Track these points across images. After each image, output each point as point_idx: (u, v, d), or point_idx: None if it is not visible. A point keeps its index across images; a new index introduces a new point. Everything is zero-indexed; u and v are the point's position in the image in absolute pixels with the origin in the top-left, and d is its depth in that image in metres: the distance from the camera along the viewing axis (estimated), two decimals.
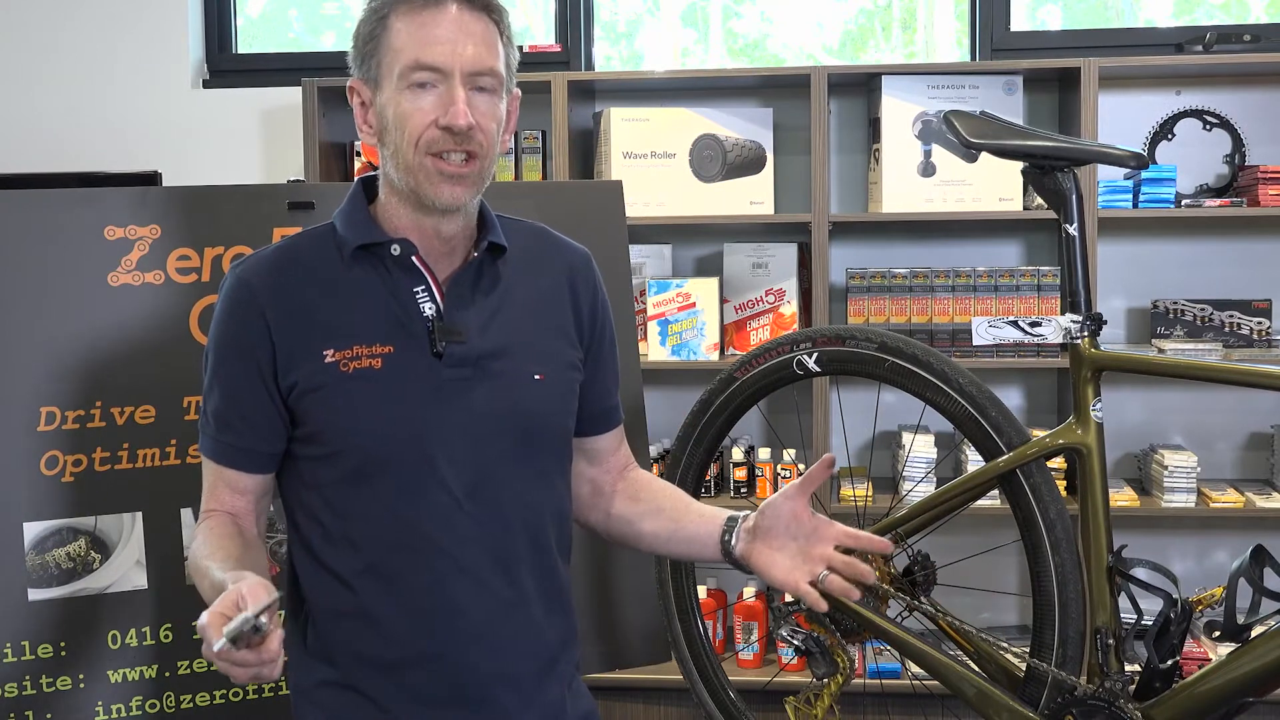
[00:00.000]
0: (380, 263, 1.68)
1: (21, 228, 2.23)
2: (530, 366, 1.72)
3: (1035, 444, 2.13)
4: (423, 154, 1.63)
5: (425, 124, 1.62)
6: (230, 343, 1.67)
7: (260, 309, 1.65)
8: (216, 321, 1.70)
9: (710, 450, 2.46)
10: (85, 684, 2.20)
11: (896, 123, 3.56)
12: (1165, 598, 2.05)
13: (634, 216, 3.27)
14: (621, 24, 4.17)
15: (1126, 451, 3.78)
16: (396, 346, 1.66)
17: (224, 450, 1.70)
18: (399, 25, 1.63)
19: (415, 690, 1.67)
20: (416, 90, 1.62)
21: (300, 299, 1.66)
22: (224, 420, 1.69)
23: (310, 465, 1.68)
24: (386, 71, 1.64)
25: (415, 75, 1.62)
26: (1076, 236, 2.13)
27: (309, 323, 1.66)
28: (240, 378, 1.67)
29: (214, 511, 1.71)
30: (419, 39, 1.62)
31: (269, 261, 1.70)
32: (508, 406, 1.69)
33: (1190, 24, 3.89)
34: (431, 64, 1.61)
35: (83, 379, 2.22)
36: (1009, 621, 3.83)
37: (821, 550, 1.71)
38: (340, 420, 1.64)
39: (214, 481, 1.72)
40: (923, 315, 3.56)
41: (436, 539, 1.65)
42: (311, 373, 1.64)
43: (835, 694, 2.29)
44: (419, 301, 1.67)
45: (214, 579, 1.55)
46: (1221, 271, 3.71)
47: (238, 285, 1.68)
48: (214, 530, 1.68)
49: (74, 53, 4.00)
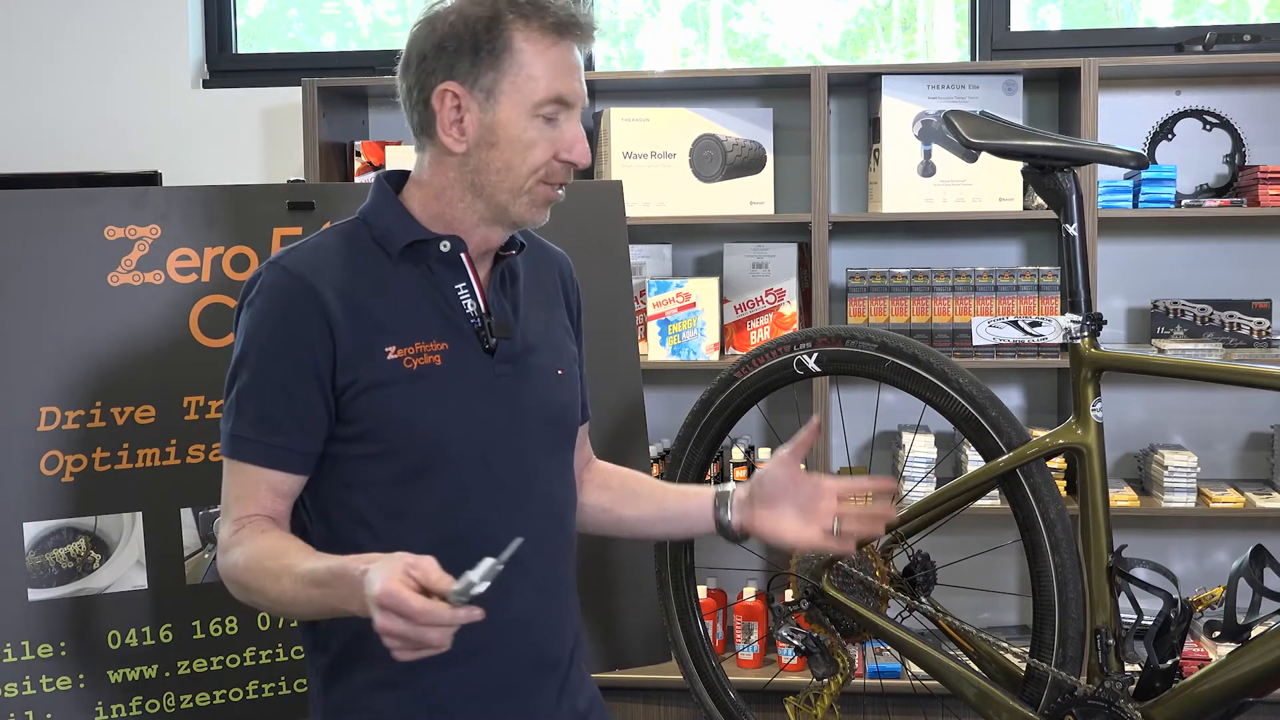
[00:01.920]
0: (423, 259, 1.69)
1: (21, 228, 2.23)
2: (554, 361, 1.77)
3: (1035, 444, 2.13)
4: (538, 181, 1.66)
5: (550, 155, 1.66)
6: (284, 339, 1.63)
7: (321, 304, 1.62)
8: (262, 316, 1.64)
9: (710, 450, 2.46)
10: (85, 684, 2.20)
11: (896, 123, 3.56)
12: (1165, 598, 2.05)
13: (634, 216, 3.27)
14: (621, 24, 4.17)
15: (1126, 451, 3.78)
16: (451, 343, 1.67)
17: (271, 452, 1.64)
18: (529, 48, 1.63)
19: (466, 683, 1.67)
20: (546, 122, 1.65)
21: (357, 295, 1.65)
22: (272, 420, 1.63)
23: (359, 465, 1.65)
24: (511, 91, 1.63)
25: (549, 108, 1.64)
26: (1076, 236, 2.13)
27: (368, 319, 1.64)
28: (294, 376, 1.62)
29: (255, 516, 1.64)
30: (558, 72, 1.64)
31: (316, 255, 1.67)
32: (544, 400, 1.73)
33: (1190, 24, 3.89)
34: (568, 100, 1.65)
35: (83, 379, 2.22)
36: (1009, 621, 3.83)
37: (826, 504, 1.75)
38: (402, 416, 1.63)
39: (252, 485, 1.65)
40: (923, 315, 3.56)
41: (490, 533, 1.63)
42: (374, 370, 1.63)
43: (835, 694, 2.30)
44: (461, 298, 1.69)
45: (311, 569, 1.53)
46: (1221, 271, 3.71)
47: (290, 280, 1.63)
48: (268, 533, 1.63)
49: (74, 53, 4.00)
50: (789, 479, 1.77)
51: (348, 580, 1.48)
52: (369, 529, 1.65)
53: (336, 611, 1.54)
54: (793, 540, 1.76)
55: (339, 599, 1.51)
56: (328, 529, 1.68)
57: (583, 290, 1.90)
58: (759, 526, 1.78)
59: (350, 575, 1.48)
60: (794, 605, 2.31)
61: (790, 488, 1.77)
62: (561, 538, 1.77)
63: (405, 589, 1.39)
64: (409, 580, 1.40)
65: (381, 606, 1.40)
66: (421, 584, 1.41)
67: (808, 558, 2.31)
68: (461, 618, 1.40)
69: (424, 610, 1.38)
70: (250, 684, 2.28)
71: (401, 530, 1.64)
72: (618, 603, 2.49)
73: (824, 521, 1.75)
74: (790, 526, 1.76)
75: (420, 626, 1.39)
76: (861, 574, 2.24)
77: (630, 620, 2.50)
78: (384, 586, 1.40)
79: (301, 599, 1.56)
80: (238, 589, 1.64)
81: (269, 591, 1.58)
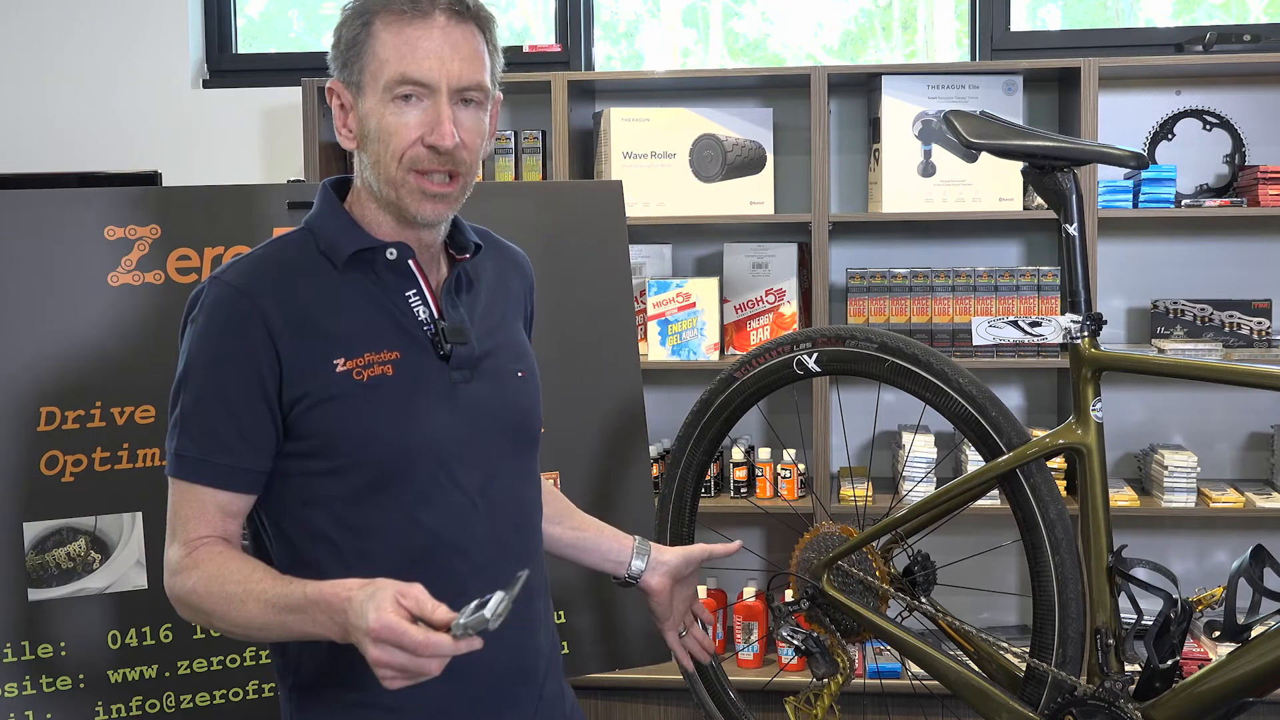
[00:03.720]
0: (370, 267, 1.65)
1: (21, 228, 2.22)
2: (513, 365, 1.74)
3: (1035, 444, 2.13)
4: (405, 170, 1.60)
5: (410, 140, 1.59)
6: (227, 355, 1.58)
7: (263, 318, 1.58)
8: (203, 333, 1.60)
9: (710, 450, 2.46)
10: (85, 684, 2.20)
11: (896, 123, 3.56)
12: (1165, 598, 2.05)
13: (634, 216, 3.27)
14: (621, 24, 4.17)
15: (1126, 451, 3.78)
16: (403, 351, 1.63)
17: (219, 472, 1.59)
18: (384, 34, 1.59)
19: (442, 699, 1.62)
20: (401, 104, 1.59)
21: (302, 307, 1.61)
22: (218, 440, 1.58)
23: (316, 481, 1.61)
24: (370, 79, 1.60)
25: (401, 89, 1.59)
26: (1076, 236, 2.13)
27: (314, 331, 1.60)
28: (239, 393, 1.58)
29: (207, 539, 1.60)
30: (406, 51, 1.58)
31: (259, 269, 1.63)
32: (503, 405, 1.70)
33: (1190, 24, 3.89)
34: (418, 79, 1.58)
35: (83, 379, 2.22)
36: (1009, 621, 3.83)
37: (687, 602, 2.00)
38: (357, 430, 1.59)
39: (200, 506, 1.60)
40: (923, 315, 3.56)
41: (454, 542, 1.64)
42: (324, 383, 1.59)
43: (835, 694, 2.29)
44: (412, 305, 1.66)
45: (285, 592, 1.50)
46: (1221, 271, 3.71)
47: (232, 294, 1.59)
48: (225, 554, 1.59)
49: (74, 53, 4.00)
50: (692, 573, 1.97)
51: (326, 608, 1.46)
52: (330, 545, 1.61)
53: (308, 636, 1.51)
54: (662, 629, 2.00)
55: (316, 625, 1.48)
56: (287, 549, 1.64)
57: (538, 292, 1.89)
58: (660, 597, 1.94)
59: (330, 604, 1.45)
60: (794, 605, 2.30)
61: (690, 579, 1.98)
62: (529, 545, 1.74)
63: (403, 621, 1.38)
64: (402, 610, 1.39)
65: (378, 640, 1.38)
66: (414, 613, 1.39)
67: (808, 557, 2.31)
68: (463, 649, 1.39)
69: (426, 644, 1.37)
70: (250, 684, 2.28)
71: (362, 546, 1.61)
72: (618, 603, 2.49)
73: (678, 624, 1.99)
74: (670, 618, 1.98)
75: (420, 658, 1.38)
76: (861, 574, 2.24)
77: (630, 620, 2.50)
78: (379, 619, 1.38)
79: (273, 624, 1.52)
80: (191, 612, 1.60)
81: (231, 616, 1.54)
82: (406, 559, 1.60)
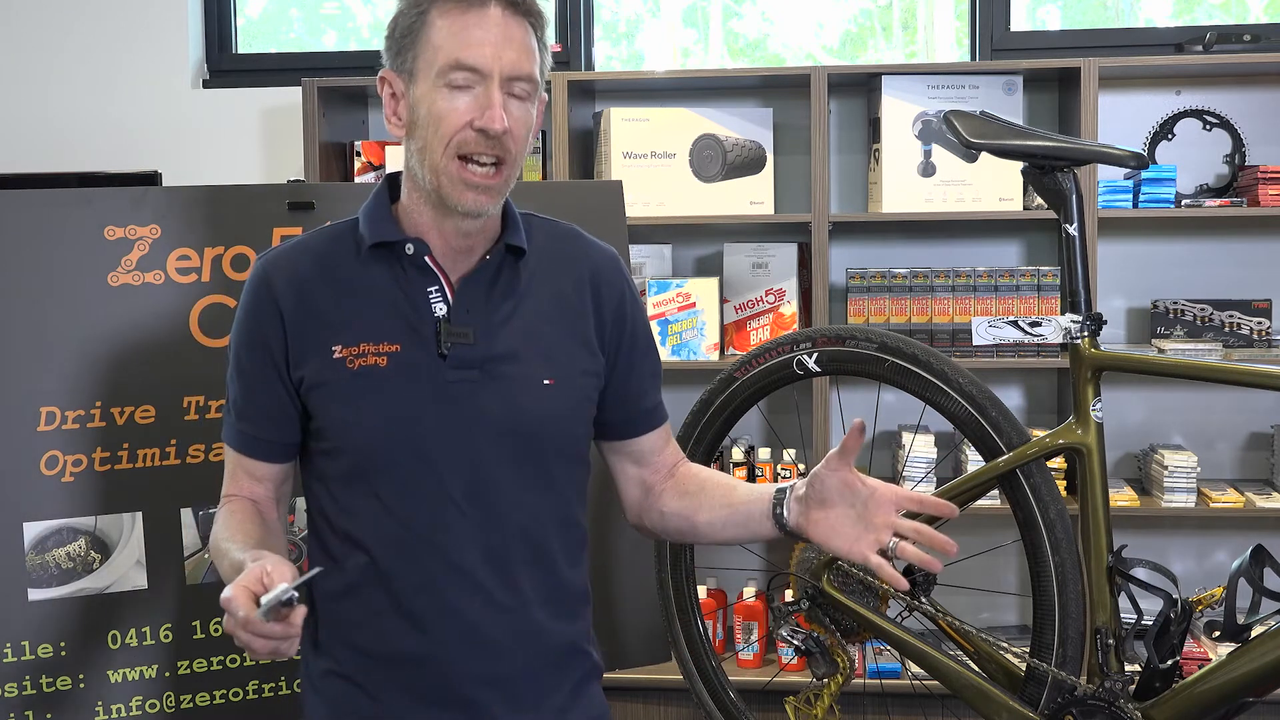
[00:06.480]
0: (396, 261, 1.69)
1: (21, 228, 2.23)
2: (541, 371, 1.70)
3: (1035, 444, 2.13)
4: (451, 156, 1.62)
5: (460, 124, 1.61)
6: (247, 335, 1.71)
7: (275, 302, 1.68)
8: (238, 313, 1.73)
9: (710, 450, 2.46)
10: (85, 684, 2.20)
11: (896, 123, 3.56)
12: (1165, 598, 2.05)
13: (634, 216, 3.27)
14: (622, 24, 4.17)
15: (1126, 451, 3.78)
16: (404, 345, 1.66)
17: (244, 440, 1.74)
18: (440, 22, 1.62)
19: (407, 686, 1.68)
20: (453, 90, 1.62)
21: (314, 294, 1.68)
22: (241, 410, 1.73)
23: (319, 460, 1.72)
24: (424, 66, 1.63)
25: (454, 75, 1.61)
26: (1076, 236, 2.13)
27: (320, 318, 1.68)
28: (255, 370, 1.70)
29: (234, 496, 1.75)
30: (461, 39, 1.61)
31: (287, 255, 1.72)
32: (512, 410, 1.68)
33: (1190, 24, 3.89)
34: (472, 65, 1.61)
35: (83, 379, 2.22)
36: (1009, 621, 3.83)
37: (884, 517, 1.64)
38: (343, 416, 1.66)
39: (234, 467, 1.76)
40: (923, 315, 3.56)
41: (432, 540, 1.66)
42: (320, 368, 1.66)
43: (835, 694, 2.29)
44: (431, 301, 1.68)
45: (234, 558, 1.59)
46: (1221, 271, 3.71)
47: (258, 278, 1.71)
48: (234, 514, 1.72)
49: (74, 53, 4.00)
50: (841, 483, 1.66)
51: None
52: (327, 521, 1.71)
53: None
54: (845, 552, 1.66)
55: None
56: (310, 522, 1.76)
57: None
58: (812, 531, 1.68)
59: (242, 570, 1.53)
60: (794, 605, 2.30)
61: (845, 492, 1.66)
62: (529, 555, 1.70)
63: (243, 596, 1.45)
64: (258, 587, 1.46)
65: (225, 610, 1.46)
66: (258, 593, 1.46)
67: (807, 557, 2.31)
68: (276, 631, 1.45)
69: (245, 620, 1.44)
70: (250, 684, 2.28)
71: (350, 528, 1.69)
72: (618, 603, 2.49)
73: (880, 535, 1.64)
74: (845, 536, 1.66)
75: (245, 634, 1.45)
76: (861, 574, 2.24)
77: (630, 620, 2.50)
78: (227, 591, 1.47)
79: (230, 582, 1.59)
80: None
81: (220, 567, 1.66)
82: (382, 547, 1.67)
